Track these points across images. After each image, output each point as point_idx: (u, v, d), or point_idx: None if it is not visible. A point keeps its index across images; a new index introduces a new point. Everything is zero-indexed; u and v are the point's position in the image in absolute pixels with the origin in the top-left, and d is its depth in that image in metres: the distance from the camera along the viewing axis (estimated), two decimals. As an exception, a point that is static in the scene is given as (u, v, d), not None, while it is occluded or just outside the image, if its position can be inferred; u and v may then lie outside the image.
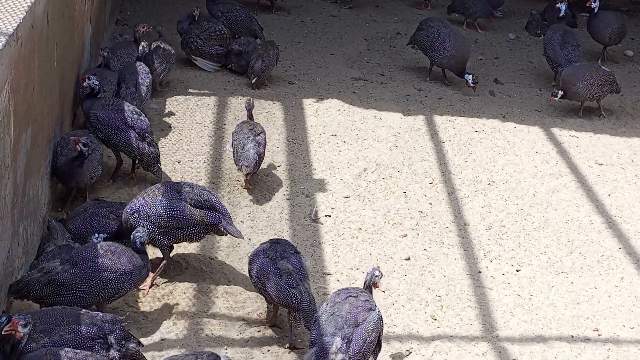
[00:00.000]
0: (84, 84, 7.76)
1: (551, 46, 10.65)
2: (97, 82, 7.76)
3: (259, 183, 8.15)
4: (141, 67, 8.80)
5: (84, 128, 8.25)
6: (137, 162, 7.96)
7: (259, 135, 8.05)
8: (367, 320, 5.69)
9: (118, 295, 6.10)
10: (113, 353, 5.44)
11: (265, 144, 8.10)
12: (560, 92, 9.87)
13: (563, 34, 10.70)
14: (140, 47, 9.17)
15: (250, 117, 8.36)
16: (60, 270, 5.92)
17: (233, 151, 8.03)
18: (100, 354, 5.35)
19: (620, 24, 11.33)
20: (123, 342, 5.49)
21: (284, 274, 6.08)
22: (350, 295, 5.83)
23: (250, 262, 6.30)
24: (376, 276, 5.97)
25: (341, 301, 5.77)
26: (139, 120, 7.80)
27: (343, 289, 5.98)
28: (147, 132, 7.82)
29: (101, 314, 5.60)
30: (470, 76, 10.17)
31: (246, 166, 7.83)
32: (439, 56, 10.37)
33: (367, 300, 5.83)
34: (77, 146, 7.20)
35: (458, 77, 10.37)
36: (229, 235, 6.81)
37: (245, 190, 7.97)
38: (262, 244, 6.41)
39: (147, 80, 8.75)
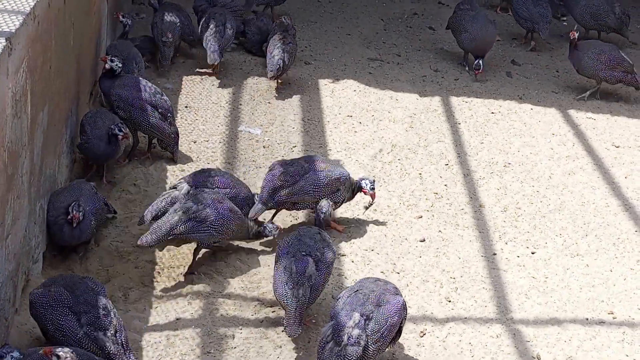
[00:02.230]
0: (106, 66, 7.74)
1: (524, 5, 10.81)
2: (120, 64, 7.77)
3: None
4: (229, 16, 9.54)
5: (102, 106, 8.29)
6: (153, 141, 7.98)
7: (287, 44, 9.18)
8: (391, 302, 5.66)
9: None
10: (82, 333, 5.41)
11: (293, 53, 9.30)
12: (577, 34, 9.74)
13: None
14: None
15: (285, 31, 9.46)
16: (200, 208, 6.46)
17: (267, 58, 9.26)
18: (71, 328, 5.39)
19: (592, 4, 10.93)
20: (93, 327, 5.40)
21: (286, 272, 6.02)
22: (379, 280, 5.85)
23: (278, 246, 6.27)
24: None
25: (368, 283, 5.78)
26: (161, 100, 7.84)
27: (374, 277, 6.00)
28: (169, 111, 7.86)
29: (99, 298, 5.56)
30: (481, 60, 10.01)
31: (270, 71, 9.08)
32: (462, 39, 10.25)
33: (396, 287, 5.83)
34: (122, 140, 7.37)
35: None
36: None
37: (260, 171, 7.97)
38: (297, 230, 6.34)
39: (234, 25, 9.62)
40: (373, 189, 7.30)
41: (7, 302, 5.52)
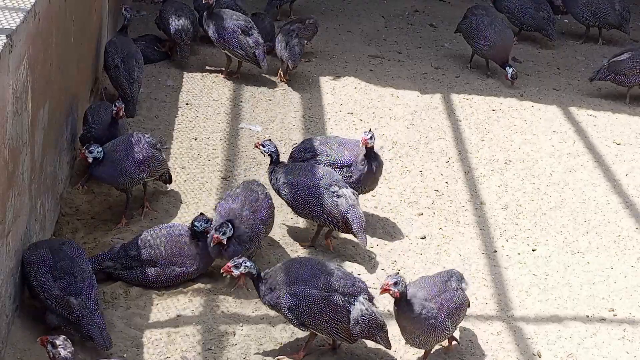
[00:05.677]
0: (89, 160, 6.86)
1: (528, 14, 10.81)
2: (100, 150, 6.85)
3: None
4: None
5: (102, 100, 8.30)
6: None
7: (301, 38, 9.51)
8: None
9: None
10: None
11: (303, 45, 9.58)
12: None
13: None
14: None
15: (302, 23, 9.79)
16: None
17: (276, 46, 9.50)
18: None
19: (592, 1, 10.91)
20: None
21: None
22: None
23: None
24: None
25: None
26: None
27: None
28: None
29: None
30: (511, 69, 9.88)
31: (292, 60, 9.36)
32: (479, 45, 10.12)
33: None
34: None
35: (500, 67, 10.10)
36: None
37: (261, 168, 7.97)
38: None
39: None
40: None
41: (8, 298, 5.52)
